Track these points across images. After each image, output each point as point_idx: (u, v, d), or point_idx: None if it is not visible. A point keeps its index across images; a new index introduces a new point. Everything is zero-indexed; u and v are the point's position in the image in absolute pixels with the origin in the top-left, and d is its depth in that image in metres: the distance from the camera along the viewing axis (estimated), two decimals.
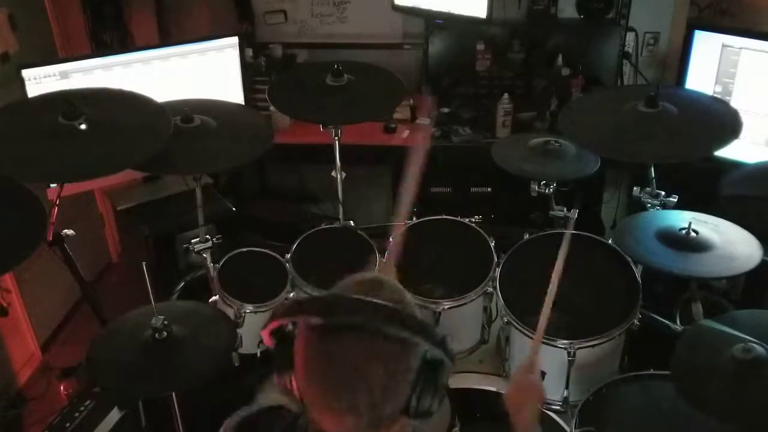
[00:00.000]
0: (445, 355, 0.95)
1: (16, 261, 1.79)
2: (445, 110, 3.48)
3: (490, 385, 2.22)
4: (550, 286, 1.50)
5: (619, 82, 3.48)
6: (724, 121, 2.10)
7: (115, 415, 2.22)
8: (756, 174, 2.16)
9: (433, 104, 3.45)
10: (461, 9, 3.25)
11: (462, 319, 2.22)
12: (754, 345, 1.60)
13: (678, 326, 2.31)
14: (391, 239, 2.11)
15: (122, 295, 3.32)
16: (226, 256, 2.35)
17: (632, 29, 3.39)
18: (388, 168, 3.70)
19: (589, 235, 2.26)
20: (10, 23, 2.99)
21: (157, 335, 1.83)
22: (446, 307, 2.14)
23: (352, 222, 2.55)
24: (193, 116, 2.20)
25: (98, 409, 2.21)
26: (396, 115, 3.41)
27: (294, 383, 0.97)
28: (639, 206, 2.32)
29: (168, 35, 3.67)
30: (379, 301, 0.92)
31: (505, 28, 3.48)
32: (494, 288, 2.19)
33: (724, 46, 2.84)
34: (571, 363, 1.98)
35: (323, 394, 0.93)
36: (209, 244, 2.35)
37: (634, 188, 2.34)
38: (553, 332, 2.01)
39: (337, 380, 0.91)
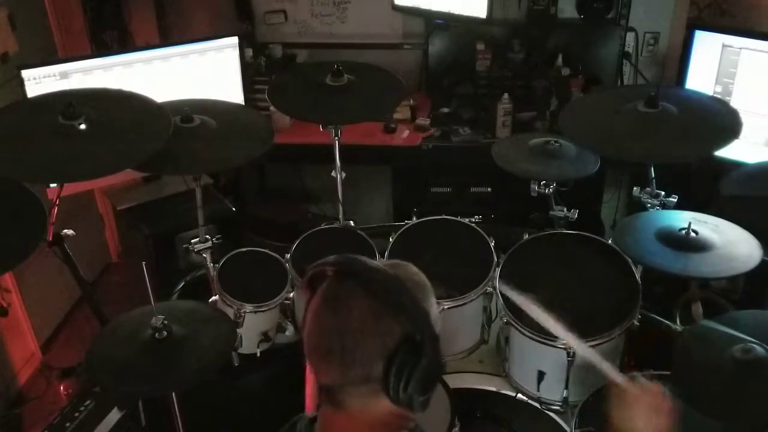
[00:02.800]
0: (429, 338, 0.97)
1: (16, 261, 1.79)
2: (445, 110, 3.48)
3: (490, 385, 2.23)
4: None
5: (619, 82, 3.48)
6: (724, 121, 2.09)
7: (115, 415, 2.22)
8: (756, 174, 2.17)
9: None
10: (461, 9, 3.25)
11: (462, 319, 2.22)
12: (754, 345, 1.60)
13: (678, 326, 2.31)
14: None
15: (122, 295, 3.33)
16: (226, 256, 2.34)
17: (632, 29, 3.39)
18: (388, 168, 3.71)
19: (589, 235, 2.26)
20: (10, 23, 2.99)
21: (157, 335, 1.83)
22: (446, 307, 2.13)
23: (352, 222, 2.55)
24: (193, 116, 2.19)
25: (98, 409, 2.21)
26: (396, 115, 3.41)
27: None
28: (639, 206, 2.32)
29: (168, 35, 3.67)
30: (386, 269, 1.00)
31: (505, 28, 3.48)
32: (494, 288, 2.19)
33: (724, 46, 2.84)
34: (570, 363, 1.98)
35: (312, 333, 1.01)
36: (209, 244, 2.34)
37: (634, 188, 2.33)
38: (553, 332, 2.01)
39: (323, 321, 0.99)
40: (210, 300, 2.35)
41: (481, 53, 3.49)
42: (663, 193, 2.27)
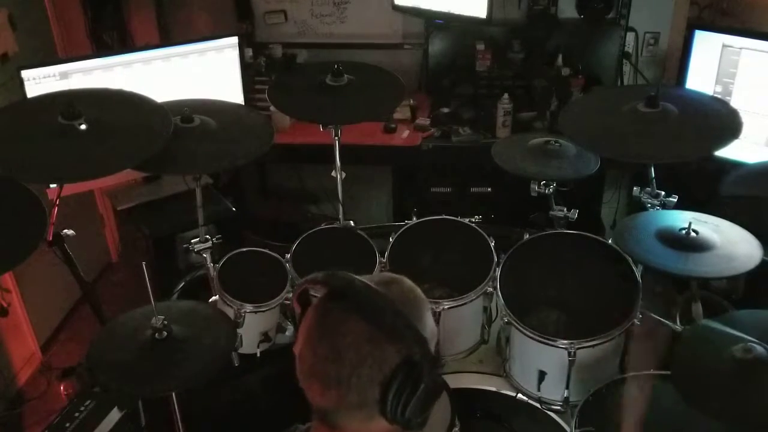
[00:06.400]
0: (428, 361, 0.95)
1: (16, 261, 1.79)
2: (445, 110, 3.48)
3: (490, 385, 2.23)
4: None
5: (619, 82, 3.48)
6: (724, 121, 2.09)
7: (115, 415, 2.22)
8: (756, 174, 2.17)
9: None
10: (461, 9, 3.25)
11: (462, 319, 2.22)
12: (755, 345, 1.60)
13: (678, 326, 2.31)
14: None
15: (122, 295, 3.34)
16: (226, 256, 2.34)
17: (632, 29, 3.40)
18: (388, 168, 3.71)
19: (589, 235, 2.26)
20: (10, 23, 2.99)
21: (157, 335, 1.83)
22: (446, 307, 2.13)
23: (352, 222, 2.55)
24: (193, 116, 2.19)
25: (98, 409, 2.21)
26: (396, 115, 3.41)
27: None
28: (639, 206, 2.32)
29: (168, 35, 3.67)
30: (379, 289, 0.96)
31: (505, 28, 3.48)
32: (494, 288, 2.18)
33: (724, 46, 2.84)
34: (571, 363, 1.98)
35: (306, 357, 0.99)
36: (209, 244, 2.34)
37: (634, 188, 2.33)
38: (553, 332, 2.01)
39: (317, 346, 0.97)
40: (210, 300, 2.35)
41: (481, 53, 3.49)
42: (663, 193, 2.27)
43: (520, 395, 2.16)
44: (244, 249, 2.39)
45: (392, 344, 0.94)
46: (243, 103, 3.17)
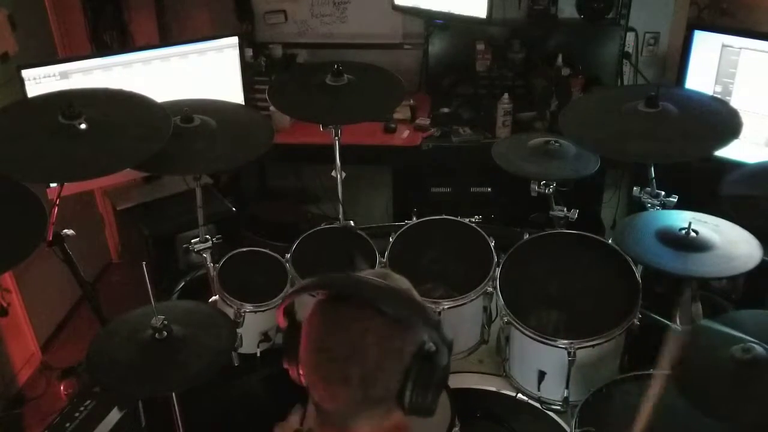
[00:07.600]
0: (443, 345, 0.96)
1: (16, 261, 1.79)
2: (445, 110, 3.48)
3: (490, 385, 2.23)
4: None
5: (619, 82, 3.48)
6: (724, 121, 2.09)
7: (115, 415, 2.22)
8: (756, 174, 2.17)
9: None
10: (461, 9, 3.25)
11: (462, 319, 2.22)
12: (754, 345, 1.60)
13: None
14: None
15: (122, 295, 3.32)
16: (226, 256, 2.35)
17: (632, 29, 3.39)
18: (388, 168, 3.71)
19: (589, 235, 2.26)
20: (10, 23, 2.99)
21: (157, 335, 1.83)
22: (446, 307, 2.13)
23: (352, 222, 2.55)
24: (193, 116, 2.20)
25: (98, 409, 2.21)
26: (396, 115, 3.41)
27: (299, 369, 1.02)
28: (639, 206, 2.32)
29: (168, 35, 3.67)
30: (382, 282, 0.97)
31: (505, 28, 3.48)
32: (494, 288, 2.19)
33: (724, 46, 2.84)
34: (571, 363, 1.98)
35: (320, 362, 0.96)
36: (209, 244, 2.35)
37: (634, 188, 2.34)
38: (553, 332, 2.01)
39: (333, 348, 0.95)
40: (210, 300, 2.35)
41: (481, 53, 3.49)
42: (663, 193, 2.27)
43: (520, 395, 2.16)
44: (244, 249, 2.40)
45: (409, 332, 0.94)
46: (243, 103, 3.17)
